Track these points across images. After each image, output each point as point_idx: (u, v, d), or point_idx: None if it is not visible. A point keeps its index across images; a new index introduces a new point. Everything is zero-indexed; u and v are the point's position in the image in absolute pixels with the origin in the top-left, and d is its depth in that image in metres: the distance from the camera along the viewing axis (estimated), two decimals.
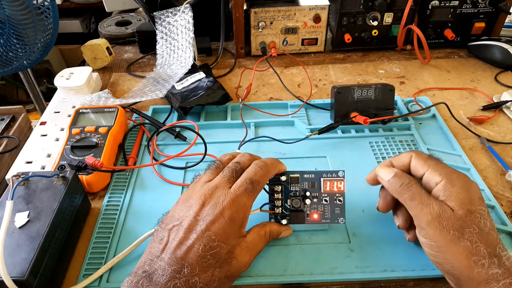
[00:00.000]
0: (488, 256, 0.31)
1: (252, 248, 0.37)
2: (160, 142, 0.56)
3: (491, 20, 0.74)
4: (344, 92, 0.55)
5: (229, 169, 0.38)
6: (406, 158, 0.39)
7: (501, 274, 0.30)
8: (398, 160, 0.40)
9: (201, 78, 0.65)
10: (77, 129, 0.53)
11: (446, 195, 0.34)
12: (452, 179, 0.35)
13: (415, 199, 0.35)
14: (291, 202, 0.41)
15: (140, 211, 0.46)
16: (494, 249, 0.32)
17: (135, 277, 0.31)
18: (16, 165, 0.52)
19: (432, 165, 0.37)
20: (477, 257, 0.31)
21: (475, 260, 0.31)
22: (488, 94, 0.64)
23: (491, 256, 0.31)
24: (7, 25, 0.56)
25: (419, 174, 0.38)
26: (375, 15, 0.72)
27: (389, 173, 0.38)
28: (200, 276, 0.32)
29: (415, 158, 0.38)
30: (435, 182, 0.36)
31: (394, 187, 0.37)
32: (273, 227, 0.40)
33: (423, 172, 0.37)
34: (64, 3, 1.59)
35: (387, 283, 0.38)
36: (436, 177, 0.36)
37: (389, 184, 0.38)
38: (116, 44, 0.85)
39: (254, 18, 0.72)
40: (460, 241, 0.32)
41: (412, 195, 0.35)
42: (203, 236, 0.33)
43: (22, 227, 0.37)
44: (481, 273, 0.31)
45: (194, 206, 0.35)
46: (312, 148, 0.54)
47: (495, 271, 0.31)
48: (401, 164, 0.39)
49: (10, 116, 0.72)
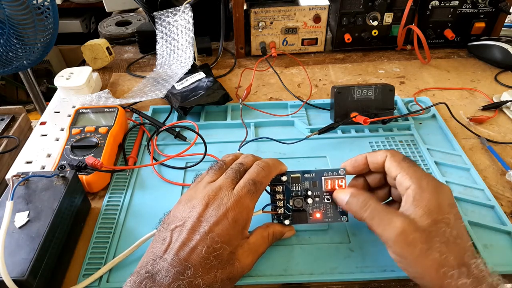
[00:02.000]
0: (457, 266, 0.31)
1: (255, 249, 0.37)
2: (160, 142, 0.56)
3: (491, 20, 0.74)
4: (344, 92, 0.55)
5: (233, 170, 0.38)
6: (381, 157, 0.38)
7: (470, 284, 0.30)
8: (373, 156, 0.39)
9: (201, 78, 0.65)
10: (77, 129, 0.53)
11: (414, 201, 0.34)
12: (422, 184, 0.34)
13: (374, 218, 0.35)
14: (293, 202, 0.41)
15: (140, 211, 0.46)
16: (462, 258, 0.31)
17: (137, 277, 0.31)
18: (16, 165, 0.52)
19: (404, 168, 0.36)
20: (446, 268, 0.31)
21: (444, 271, 0.31)
22: (488, 94, 0.64)
23: (459, 266, 0.31)
24: (7, 25, 0.56)
25: (392, 176, 0.37)
26: (375, 15, 0.72)
27: (346, 194, 0.38)
28: (203, 277, 0.32)
29: (390, 159, 0.38)
30: (405, 187, 0.35)
31: (353, 207, 0.37)
32: (276, 228, 0.40)
33: (396, 174, 0.37)
34: (64, 3, 1.59)
35: (387, 283, 0.38)
36: (407, 181, 0.35)
37: (348, 207, 0.38)
38: (116, 44, 0.85)
39: (254, 18, 0.72)
40: (428, 254, 0.31)
41: (371, 214, 0.35)
42: (206, 238, 0.33)
43: (22, 227, 0.37)
44: (451, 284, 0.30)
45: (197, 207, 0.35)
46: (312, 148, 0.54)
47: (464, 281, 0.30)
48: (375, 161, 0.39)
49: (10, 116, 0.72)
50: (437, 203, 0.33)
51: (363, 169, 0.40)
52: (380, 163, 0.39)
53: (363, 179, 0.42)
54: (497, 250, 0.40)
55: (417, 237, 0.32)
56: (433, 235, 0.32)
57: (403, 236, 0.32)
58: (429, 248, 0.32)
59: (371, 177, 0.41)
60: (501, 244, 0.41)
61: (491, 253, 0.40)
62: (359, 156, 0.41)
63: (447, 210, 0.34)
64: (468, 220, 0.43)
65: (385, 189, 0.41)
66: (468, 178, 0.49)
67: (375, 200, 0.36)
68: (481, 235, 0.42)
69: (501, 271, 0.38)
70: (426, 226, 0.32)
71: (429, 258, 0.31)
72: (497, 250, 0.40)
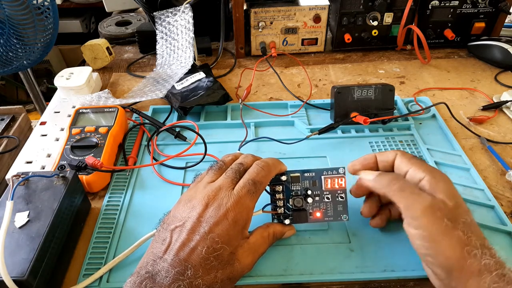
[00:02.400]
0: (480, 247, 0.31)
1: (255, 249, 0.37)
2: (160, 142, 0.56)
3: (491, 20, 0.74)
4: (344, 92, 0.55)
5: (233, 170, 0.38)
6: (391, 156, 0.39)
7: (493, 265, 0.30)
8: (383, 156, 0.40)
9: (201, 78, 0.65)
10: (77, 129, 0.53)
11: (432, 188, 0.35)
12: (435, 175, 0.36)
13: (406, 190, 0.35)
14: (293, 201, 0.41)
15: (140, 211, 0.46)
16: (484, 241, 0.32)
17: (138, 277, 0.31)
18: (16, 165, 0.52)
19: (416, 163, 0.37)
20: (469, 247, 0.31)
21: (468, 250, 0.31)
22: (488, 94, 0.64)
23: (482, 248, 0.31)
24: (7, 25, 0.56)
25: (403, 172, 0.38)
26: (375, 15, 0.72)
27: (373, 174, 0.38)
28: (203, 278, 0.32)
29: (400, 157, 0.39)
30: (419, 178, 0.36)
31: (382, 183, 0.37)
32: (276, 228, 0.40)
33: (407, 169, 0.37)
34: (64, 3, 1.59)
35: (387, 283, 0.38)
36: (420, 174, 0.36)
37: (376, 181, 0.38)
38: (116, 44, 0.85)
39: (254, 18, 0.72)
40: (453, 231, 0.32)
41: (402, 185, 0.36)
42: (206, 238, 0.33)
43: (22, 227, 0.37)
44: (474, 264, 0.31)
45: (197, 207, 0.35)
46: (312, 148, 0.54)
47: (488, 261, 0.30)
48: (386, 160, 0.40)
49: (10, 116, 0.72)
50: (453, 192, 0.35)
51: (373, 167, 0.41)
52: (390, 161, 0.39)
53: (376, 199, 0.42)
54: (497, 250, 0.40)
55: (444, 213, 0.33)
56: (458, 216, 0.33)
57: (432, 209, 0.33)
58: (454, 226, 0.32)
59: None
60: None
61: None
62: (368, 155, 0.41)
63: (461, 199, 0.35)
64: None
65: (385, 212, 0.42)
66: (468, 178, 0.49)
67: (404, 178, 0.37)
68: None
69: None
70: (452, 206, 0.33)
71: (454, 234, 0.32)
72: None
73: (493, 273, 0.30)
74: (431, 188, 0.35)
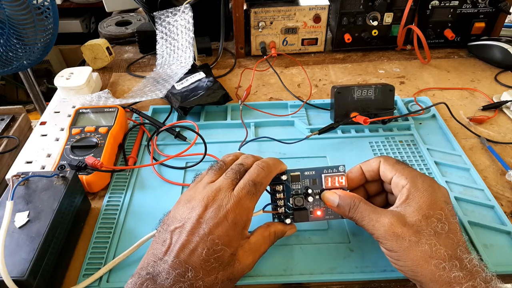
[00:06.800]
0: (448, 259, 0.31)
1: (256, 249, 0.37)
2: (160, 142, 0.56)
3: (491, 20, 0.74)
4: (344, 92, 0.55)
5: (233, 170, 0.38)
6: (375, 164, 0.40)
7: (463, 277, 0.30)
8: (367, 165, 0.41)
9: (201, 78, 0.65)
10: (77, 129, 0.53)
11: (407, 198, 0.35)
12: (416, 183, 0.36)
13: (365, 219, 0.36)
14: (294, 200, 0.41)
15: (140, 211, 0.46)
16: (455, 252, 0.32)
17: (139, 278, 0.31)
18: (16, 165, 0.52)
19: (399, 169, 0.38)
20: (437, 261, 0.31)
21: (435, 263, 0.31)
22: (488, 94, 0.64)
23: (451, 259, 0.31)
24: (7, 25, 0.56)
25: (388, 179, 0.38)
26: (375, 15, 0.72)
27: (334, 197, 0.39)
28: (204, 279, 0.32)
29: (383, 163, 0.39)
30: (401, 185, 0.37)
31: (344, 212, 0.38)
32: (277, 227, 0.40)
33: (391, 176, 0.38)
34: (64, 3, 1.59)
35: (387, 283, 0.39)
36: (402, 181, 0.37)
37: (338, 209, 0.39)
38: (116, 44, 0.85)
39: (254, 18, 0.72)
40: (418, 246, 0.32)
41: (361, 215, 0.36)
42: (206, 240, 0.33)
43: (22, 227, 0.37)
44: (443, 276, 0.31)
45: (196, 208, 0.35)
46: (312, 148, 0.54)
47: (457, 274, 0.30)
48: (370, 169, 0.40)
49: (10, 116, 0.72)
50: (430, 199, 0.35)
51: (361, 179, 0.41)
52: (375, 169, 0.40)
53: (362, 188, 0.43)
54: (497, 250, 0.40)
55: (405, 231, 0.33)
56: (423, 229, 0.33)
57: (392, 230, 0.33)
58: (419, 241, 0.32)
59: (369, 185, 0.42)
60: (501, 244, 0.41)
61: (491, 253, 0.40)
62: (353, 168, 0.42)
63: (440, 206, 0.35)
64: (468, 220, 0.43)
65: (383, 195, 0.42)
66: (468, 178, 0.49)
67: (363, 201, 0.37)
68: (481, 235, 0.42)
69: (501, 271, 0.38)
70: (415, 221, 0.34)
71: (418, 249, 0.32)
72: (497, 250, 0.40)
73: (463, 285, 0.30)
74: (406, 198, 0.35)
